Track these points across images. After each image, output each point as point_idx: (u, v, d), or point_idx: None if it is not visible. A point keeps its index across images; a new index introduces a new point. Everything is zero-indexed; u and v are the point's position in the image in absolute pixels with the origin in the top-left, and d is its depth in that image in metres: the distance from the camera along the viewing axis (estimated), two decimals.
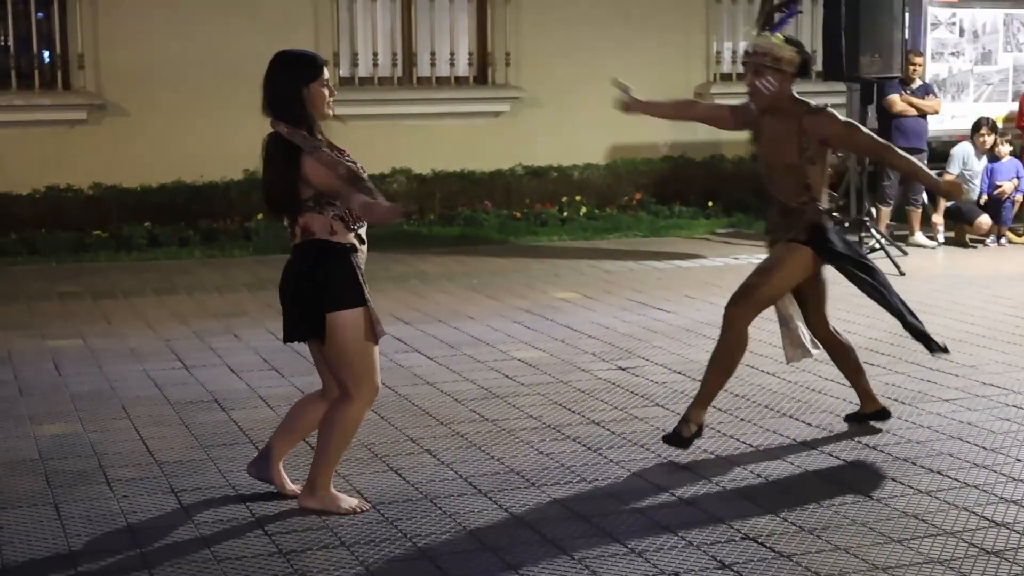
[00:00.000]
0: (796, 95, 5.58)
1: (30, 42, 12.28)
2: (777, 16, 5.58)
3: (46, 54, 12.41)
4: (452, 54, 13.49)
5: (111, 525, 4.80)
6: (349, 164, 4.64)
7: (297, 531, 4.69)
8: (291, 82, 4.68)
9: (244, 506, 4.96)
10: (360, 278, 4.73)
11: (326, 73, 4.78)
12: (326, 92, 4.74)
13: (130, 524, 4.81)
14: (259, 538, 4.63)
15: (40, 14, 12.31)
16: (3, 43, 12.35)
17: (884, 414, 5.97)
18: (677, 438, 5.54)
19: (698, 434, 5.56)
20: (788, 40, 5.57)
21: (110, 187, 11.93)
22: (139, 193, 11.94)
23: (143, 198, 11.92)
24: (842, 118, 5.62)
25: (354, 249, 4.74)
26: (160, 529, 4.75)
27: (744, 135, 6.02)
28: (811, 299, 5.80)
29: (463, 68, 13.60)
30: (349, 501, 4.91)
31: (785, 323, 5.90)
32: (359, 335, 4.71)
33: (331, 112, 4.78)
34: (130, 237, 11.48)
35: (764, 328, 8.23)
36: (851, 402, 6.42)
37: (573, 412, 6.26)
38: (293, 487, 5.03)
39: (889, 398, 6.49)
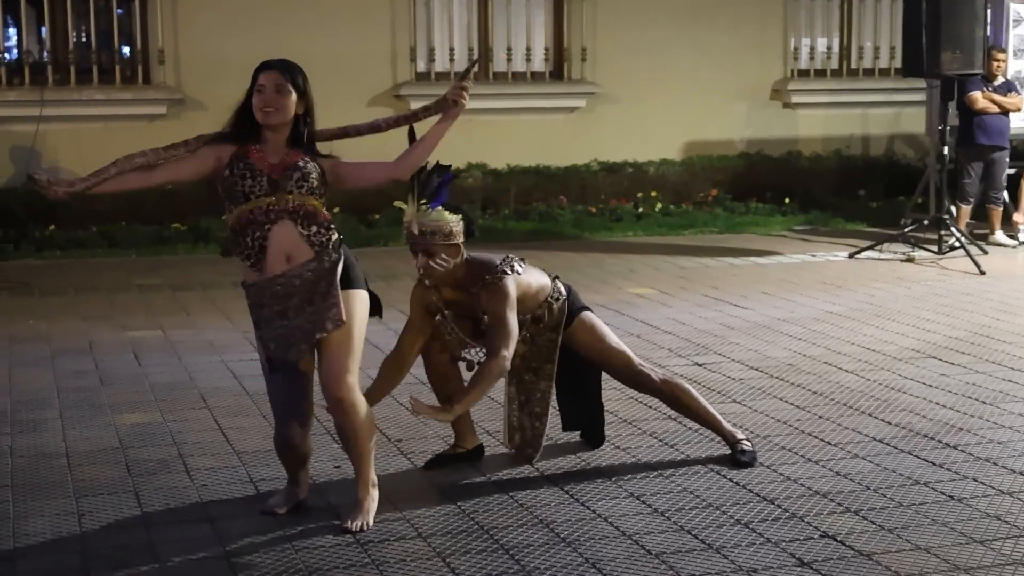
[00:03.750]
0: (471, 259, 5.08)
1: (111, 37, 12.44)
2: (436, 179, 4.98)
3: (126, 49, 12.56)
4: (528, 49, 13.48)
5: (190, 513, 4.85)
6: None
7: (375, 521, 4.70)
8: (248, 90, 4.68)
9: (321, 496, 4.99)
10: (256, 310, 4.66)
11: (262, 78, 4.61)
12: (257, 99, 4.60)
13: (209, 512, 4.85)
14: (336, 527, 4.65)
15: (120, 10, 12.46)
16: (84, 38, 12.52)
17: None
18: None
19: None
20: (448, 208, 5.00)
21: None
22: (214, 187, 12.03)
23: None
24: (510, 307, 4.99)
25: (247, 285, 4.68)
26: (238, 518, 4.79)
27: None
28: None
29: (539, 64, 13.58)
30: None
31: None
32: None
33: (266, 120, 4.60)
34: (208, 230, 11.58)
35: (842, 326, 8.18)
36: (933, 401, 6.35)
37: (650, 407, 6.23)
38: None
39: (970, 398, 6.41)
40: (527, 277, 5.17)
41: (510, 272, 5.06)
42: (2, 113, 11.91)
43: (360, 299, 4.69)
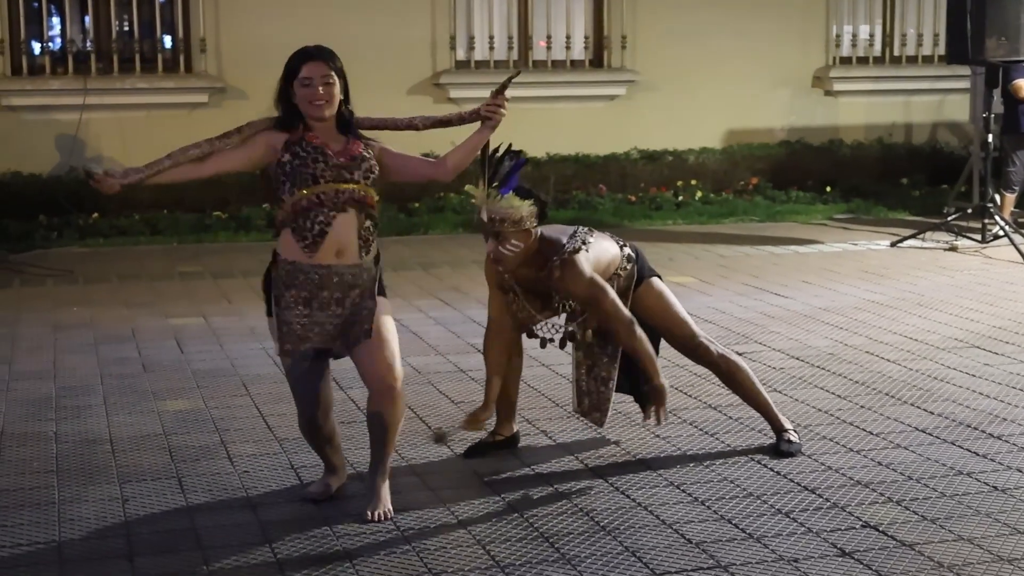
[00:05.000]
0: (543, 236, 5.03)
1: (153, 26, 12.51)
2: (507, 164, 4.83)
3: (168, 38, 12.63)
4: (568, 37, 13.45)
5: (233, 500, 4.88)
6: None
7: (415, 509, 4.72)
8: (284, 77, 4.66)
9: (362, 483, 5.00)
10: (281, 287, 4.71)
11: (306, 70, 4.59)
12: (305, 92, 4.60)
13: (251, 499, 4.88)
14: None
15: None
16: (127, 28, 12.58)
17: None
18: None
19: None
20: (520, 192, 4.89)
21: None
22: (257, 175, 12.08)
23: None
24: (587, 276, 4.99)
25: (284, 261, 4.71)
26: (280, 504, 4.82)
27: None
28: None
29: (579, 52, 13.55)
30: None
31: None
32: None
33: (319, 113, 4.60)
34: (249, 218, 11.65)
35: (884, 315, 8.13)
36: (976, 391, 6.31)
37: (690, 396, 6.23)
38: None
39: (1014, 387, 6.36)
40: (597, 250, 5.13)
41: (579, 249, 5.02)
42: (46, 102, 12.00)
43: (386, 303, 4.74)
